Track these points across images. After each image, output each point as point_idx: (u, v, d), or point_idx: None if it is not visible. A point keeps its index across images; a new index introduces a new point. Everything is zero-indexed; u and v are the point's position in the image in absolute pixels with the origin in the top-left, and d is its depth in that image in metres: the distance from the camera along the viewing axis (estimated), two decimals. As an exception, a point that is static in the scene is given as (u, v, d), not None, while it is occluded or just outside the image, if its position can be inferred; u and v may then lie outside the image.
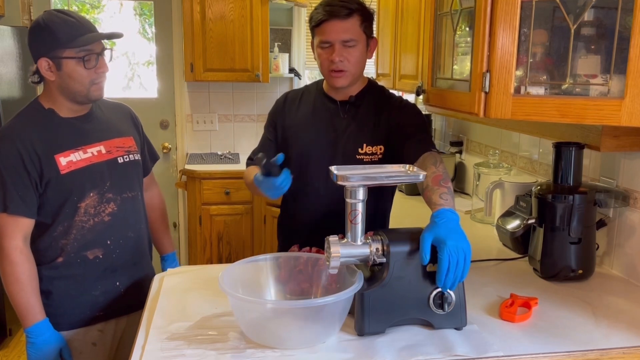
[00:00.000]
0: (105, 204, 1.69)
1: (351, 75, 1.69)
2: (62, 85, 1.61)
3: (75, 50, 1.57)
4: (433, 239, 1.27)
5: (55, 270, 1.67)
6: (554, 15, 1.36)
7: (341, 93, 1.76)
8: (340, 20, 1.63)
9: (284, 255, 1.49)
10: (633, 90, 1.18)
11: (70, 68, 1.58)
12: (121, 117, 1.85)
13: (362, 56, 1.70)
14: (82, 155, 1.65)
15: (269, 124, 1.86)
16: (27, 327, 1.61)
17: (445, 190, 1.41)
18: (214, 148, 4.13)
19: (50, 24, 1.56)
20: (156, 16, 3.98)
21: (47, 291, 1.66)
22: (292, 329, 1.29)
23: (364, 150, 1.72)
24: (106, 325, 1.77)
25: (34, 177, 1.58)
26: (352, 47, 1.65)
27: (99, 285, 1.72)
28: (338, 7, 1.63)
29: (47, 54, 1.58)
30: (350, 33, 1.64)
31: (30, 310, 1.60)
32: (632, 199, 1.68)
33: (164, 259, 2.07)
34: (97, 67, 1.61)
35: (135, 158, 1.80)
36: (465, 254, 1.25)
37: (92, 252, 1.69)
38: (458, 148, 2.95)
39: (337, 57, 1.64)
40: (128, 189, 1.76)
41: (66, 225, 1.64)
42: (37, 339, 1.61)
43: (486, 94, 1.37)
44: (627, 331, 1.36)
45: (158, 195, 2.06)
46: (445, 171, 1.51)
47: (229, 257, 3.67)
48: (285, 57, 3.98)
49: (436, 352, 1.24)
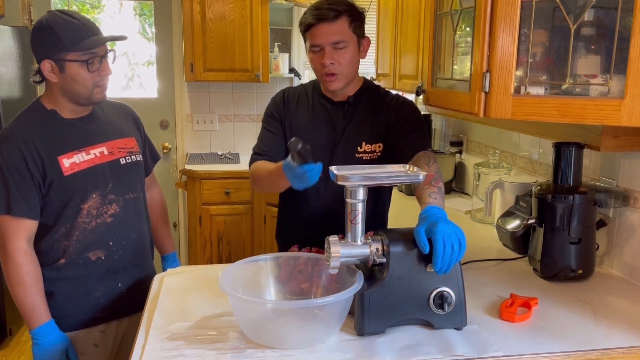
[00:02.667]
0: (108, 205, 1.69)
1: (344, 77, 1.69)
2: (65, 87, 1.61)
3: (79, 54, 1.56)
4: (426, 230, 1.27)
5: (58, 272, 1.66)
6: (554, 15, 1.36)
7: (338, 94, 1.76)
8: (328, 23, 1.62)
9: (284, 255, 1.49)
10: (633, 90, 1.18)
11: (74, 71, 1.58)
12: (123, 117, 1.84)
13: (354, 57, 1.69)
14: (85, 156, 1.65)
15: (272, 119, 1.81)
16: (33, 329, 1.60)
17: (435, 190, 1.41)
18: (214, 148, 4.14)
19: (54, 26, 1.55)
20: (156, 16, 3.98)
21: (49, 292, 1.65)
22: (292, 329, 1.29)
23: (363, 149, 1.72)
24: (108, 327, 1.77)
25: (37, 179, 1.57)
26: (342, 48, 1.64)
27: (100, 286, 1.72)
28: (325, 9, 1.62)
29: (50, 56, 1.57)
30: (339, 35, 1.63)
31: (35, 312, 1.60)
32: (632, 199, 1.68)
33: (164, 259, 2.07)
34: (100, 70, 1.61)
35: (137, 159, 1.79)
36: (458, 235, 1.25)
37: (94, 254, 1.69)
38: (458, 148, 2.95)
39: (327, 60, 1.64)
40: (130, 190, 1.75)
41: (68, 226, 1.64)
42: (43, 340, 1.60)
43: (486, 94, 1.37)
44: (627, 331, 1.36)
45: (159, 196, 2.06)
46: (437, 171, 1.52)
47: (229, 257, 3.67)
48: (285, 57, 3.98)
49: (436, 352, 1.24)
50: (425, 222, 1.29)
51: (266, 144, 1.80)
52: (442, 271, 1.26)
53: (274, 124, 1.81)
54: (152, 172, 1.98)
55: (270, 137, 1.80)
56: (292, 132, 1.78)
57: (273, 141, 1.79)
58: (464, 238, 1.26)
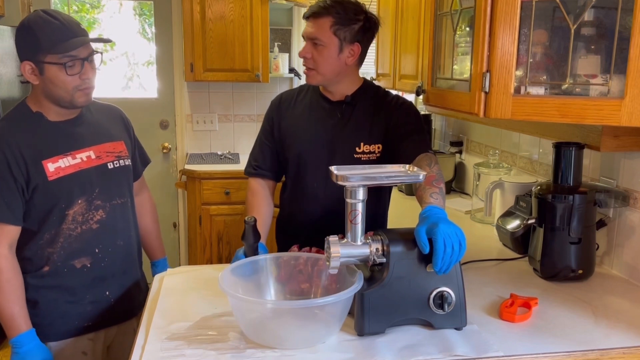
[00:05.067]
0: (94, 211, 1.64)
1: (320, 75, 1.70)
2: (46, 90, 1.55)
3: (57, 56, 1.50)
4: (426, 230, 1.27)
5: (42, 279, 1.61)
6: (554, 15, 1.36)
7: (336, 93, 1.76)
8: (313, 19, 1.68)
9: (284, 255, 1.49)
10: (633, 90, 1.18)
11: (52, 74, 1.52)
12: (112, 120, 1.78)
13: (332, 58, 1.68)
14: (71, 161, 1.60)
15: (265, 127, 1.86)
16: (12, 338, 1.54)
17: (436, 190, 1.42)
18: (214, 148, 4.13)
19: (34, 26, 1.50)
20: (156, 16, 3.97)
21: (33, 301, 1.60)
22: (292, 329, 1.29)
23: (362, 149, 1.72)
24: (97, 335, 1.72)
25: (21, 183, 1.52)
26: (320, 46, 1.67)
27: (87, 294, 1.67)
28: (316, 6, 1.68)
29: (29, 57, 1.52)
30: (317, 33, 1.66)
31: (14, 321, 1.54)
32: (632, 199, 1.68)
33: (154, 265, 1.99)
34: (81, 74, 1.54)
35: (126, 163, 1.74)
36: (458, 236, 1.25)
37: (80, 261, 1.64)
38: (458, 148, 2.95)
39: (302, 52, 1.70)
40: (117, 195, 1.70)
41: (53, 233, 1.59)
42: (21, 349, 1.54)
43: (486, 94, 1.37)
44: (627, 331, 1.36)
45: (149, 200, 1.99)
46: (439, 172, 1.52)
47: (229, 257, 3.66)
48: (285, 57, 3.98)
49: (436, 352, 1.24)
50: (425, 222, 1.29)
51: (260, 156, 1.86)
52: (442, 271, 1.26)
53: (266, 133, 1.87)
54: (142, 176, 1.92)
55: (263, 148, 1.86)
56: (287, 133, 1.80)
57: (265, 153, 1.85)
58: (464, 238, 1.26)
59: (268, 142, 1.85)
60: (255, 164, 1.85)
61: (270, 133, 1.84)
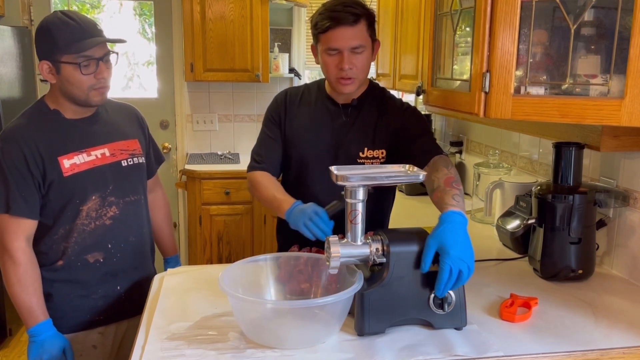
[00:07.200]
0: (107, 207, 1.68)
1: (359, 81, 1.67)
2: (63, 88, 1.61)
3: (73, 56, 1.55)
4: (438, 247, 1.27)
5: (56, 273, 1.66)
6: (554, 15, 1.36)
7: (344, 96, 1.74)
8: (348, 27, 1.58)
9: (284, 255, 1.49)
10: (633, 90, 1.18)
11: (68, 73, 1.57)
12: (127, 118, 1.83)
13: (369, 61, 1.67)
14: (86, 157, 1.64)
15: (271, 122, 1.81)
16: (30, 328, 1.60)
17: (457, 192, 1.41)
18: (214, 148, 4.14)
19: (52, 27, 1.55)
20: (156, 16, 3.98)
21: (47, 294, 1.64)
22: (292, 329, 1.29)
23: (365, 154, 1.71)
24: (107, 329, 1.76)
25: (37, 179, 1.57)
26: (360, 53, 1.62)
27: (99, 289, 1.71)
28: (344, 13, 1.57)
29: (47, 57, 1.57)
30: (359, 39, 1.60)
31: (33, 312, 1.59)
32: (632, 199, 1.68)
33: (167, 261, 2.05)
34: (96, 73, 1.59)
35: (140, 161, 1.78)
36: (467, 265, 1.25)
37: (93, 256, 1.68)
38: (458, 148, 2.95)
39: (346, 64, 1.60)
40: (131, 192, 1.74)
41: (67, 228, 1.64)
42: (39, 337, 1.59)
43: (486, 94, 1.37)
44: (627, 331, 1.36)
45: (162, 197, 2.04)
46: (457, 174, 1.51)
47: (229, 257, 3.67)
48: (285, 57, 3.98)
49: (436, 352, 1.24)
50: (441, 236, 1.27)
51: (264, 150, 1.80)
52: (443, 295, 1.28)
53: (273, 127, 1.80)
54: (156, 174, 1.97)
55: (269, 142, 1.80)
56: (293, 133, 1.78)
57: (271, 148, 1.79)
58: (472, 263, 1.26)
59: (274, 137, 1.79)
60: (259, 158, 1.80)
61: (278, 127, 1.79)
